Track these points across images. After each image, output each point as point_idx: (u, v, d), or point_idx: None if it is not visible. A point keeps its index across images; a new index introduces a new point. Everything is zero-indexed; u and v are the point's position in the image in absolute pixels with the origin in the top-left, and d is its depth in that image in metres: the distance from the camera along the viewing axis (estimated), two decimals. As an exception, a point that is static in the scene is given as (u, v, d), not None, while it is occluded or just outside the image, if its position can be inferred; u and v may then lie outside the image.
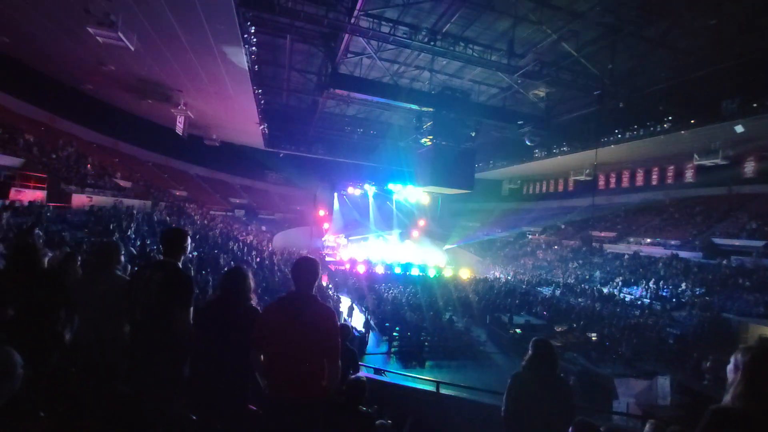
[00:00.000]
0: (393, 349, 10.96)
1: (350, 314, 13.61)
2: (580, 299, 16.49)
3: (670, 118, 15.51)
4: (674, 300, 14.55)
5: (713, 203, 19.49)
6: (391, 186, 25.92)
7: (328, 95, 16.18)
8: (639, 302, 15.41)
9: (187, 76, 13.63)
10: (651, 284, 16.07)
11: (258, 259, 15.76)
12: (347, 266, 20.90)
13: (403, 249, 26.22)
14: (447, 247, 28.36)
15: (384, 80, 15.58)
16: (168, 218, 14.55)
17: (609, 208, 24.49)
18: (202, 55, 11.61)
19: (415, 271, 20.81)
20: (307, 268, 2.02)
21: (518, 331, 12.03)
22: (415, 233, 29.09)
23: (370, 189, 26.53)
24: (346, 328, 3.90)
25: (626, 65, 13.25)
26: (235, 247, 15.26)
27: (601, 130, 17.56)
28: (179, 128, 15.97)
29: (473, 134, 15.17)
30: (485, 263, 27.03)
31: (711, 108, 13.91)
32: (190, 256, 10.73)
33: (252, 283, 2.24)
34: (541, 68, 13.30)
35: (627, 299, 15.90)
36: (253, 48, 11.79)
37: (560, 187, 28.44)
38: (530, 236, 28.31)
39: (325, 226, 25.81)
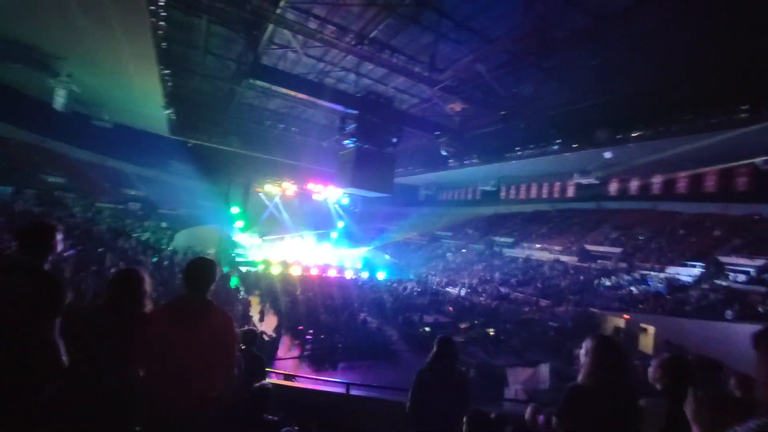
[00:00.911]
0: (305, 353, 10.71)
1: (261, 318, 12.95)
2: (481, 298, 18.15)
3: (559, 140, 18.02)
4: (555, 297, 16.91)
5: (586, 216, 23.18)
6: (311, 186, 25.38)
7: (248, 86, 15.25)
8: (529, 300, 17.55)
9: (73, 43, 11.59)
10: (539, 284, 18.44)
11: (155, 260, 14.06)
12: (261, 268, 19.84)
13: (321, 250, 25.83)
14: (364, 249, 28.76)
15: (309, 77, 15.23)
16: (35, 209, 12.14)
17: (508, 217, 27.48)
18: (95, 21, 9.98)
19: (331, 272, 20.70)
20: (201, 269, 1.84)
21: (427, 329, 12.74)
22: (334, 234, 28.92)
23: (289, 187, 25.60)
24: (252, 333, 3.70)
25: (528, 90, 15.03)
26: (126, 245, 13.39)
27: (505, 147, 19.67)
28: (58, 103, 13.47)
29: (395, 140, 15.73)
30: (400, 265, 28.08)
31: (588, 135, 16.53)
32: (65, 255, 9.11)
33: (148, 287, 1.95)
34: (458, 84, 14.39)
35: (520, 297, 17.99)
36: (162, 23, 10.54)
37: (470, 196, 30.94)
38: (442, 240, 30.28)
39: (238, 224, 24.15)
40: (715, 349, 9.58)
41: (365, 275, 22.05)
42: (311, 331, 11.24)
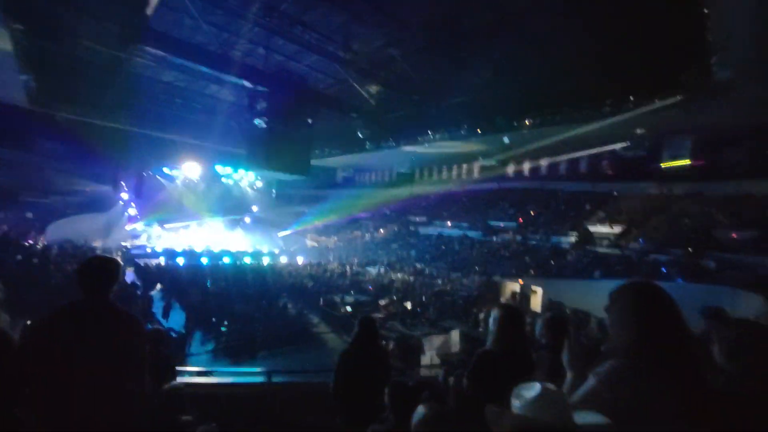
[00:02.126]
0: (220, 346, 10.11)
1: (166, 314, 11.76)
2: (399, 274, 19.08)
3: (465, 126, 19.40)
4: (464, 270, 18.60)
5: (489, 195, 25.67)
6: (219, 168, 23.34)
7: (136, 52, 13.14)
8: (441, 273, 19.00)
9: None
10: (450, 258, 20.05)
11: (19, 258, 11.69)
12: (162, 260, 17.87)
13: (232, 236, 24.19)
14: (282, 233, 27.78)
15: (210, 48, 13.71)
16: None
17: (423, 197, 29.01)
18: None
19: (247, 260, 19.60)
20: (100, 269, 1.61)
21: (348, 309, 13.01)
22: (247, 219, 27.27)
23: (193, 170, 23.18)
24: (159, 333, 3.38)
25: (439, 77, 15.74)
26: (-25, 242, 10.84)
27: (418, 130, 20.50)
28: None
29: (310, 121, 15.23)
30: (320, 248, 27.87)
31: (490, 122, 18.10)
32: None
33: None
34: (373, 67, 14.40)
35: (434, 272, 19.36)
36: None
37: (386, 178, 31.73)
38: (361, 221, 30.74)
39: (131, 211, 21.20)
40: (587, 303, 11.65)
41: (284, 260, 21.41)
42: (226, 323, 10.63)
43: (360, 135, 17.83)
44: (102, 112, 19.22)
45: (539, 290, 14.82)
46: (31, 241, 15.55)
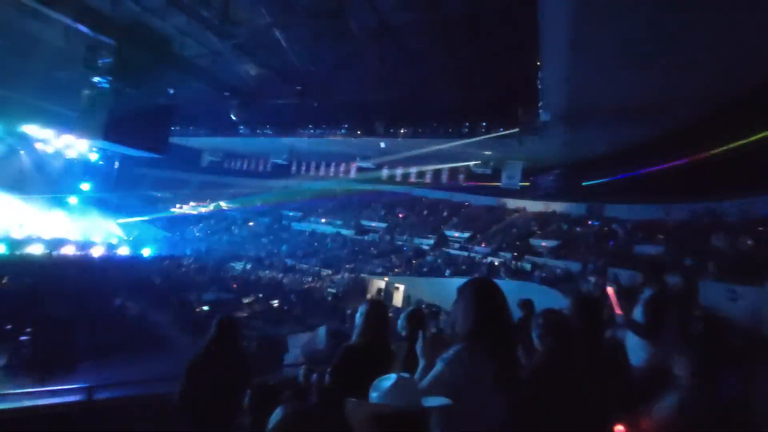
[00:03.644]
0: (15, 360, 7.82)
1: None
2: (267, 271, 18.16)
3: (346, 126, 19.77)
4: (335, 267, 18.92)
5: (364, 195, 26.76)
6: (33, 130, 18.00)
7: None
8: (312, 270, 18.89)
9: None
10: (322, 255, 20.09)
11: None
12: None
13: (50, 220, 18.96)
14: (123, 220, 23.21)
15: (29, -31, 10.47)
16: None
17: (298, 192, 28.29)
18: None
19: (70, 249, 15.62)
20: None
21: (205, 308, 11.73)
22: (73, 199, 21.76)
23: (-13, 126, 17.30)
24: None
25: (323, 72, 15.58)
26: None
27: (299, 122, 19.94)
28: None
29: (172, 91, 13.11)
30: (175, 239, 24.34)
31: (370, 125, 18.91)
32: None
33: None
34: (255, 47, 13.31)
35: (305, 268, 19.09)
36: None
37: (261, 167, 29.78)
38: (228, 212, 28.11)
39: None
40: (440, 298, 13.24)
41: (124, 251, 17.86)
42: (28, 330, 8.25)
43: (233, 117, 16.25)
44: None
45: (402, 287, 16.18)
46: None
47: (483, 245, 18.81)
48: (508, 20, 11.48)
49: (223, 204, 28.67)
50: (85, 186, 22.10)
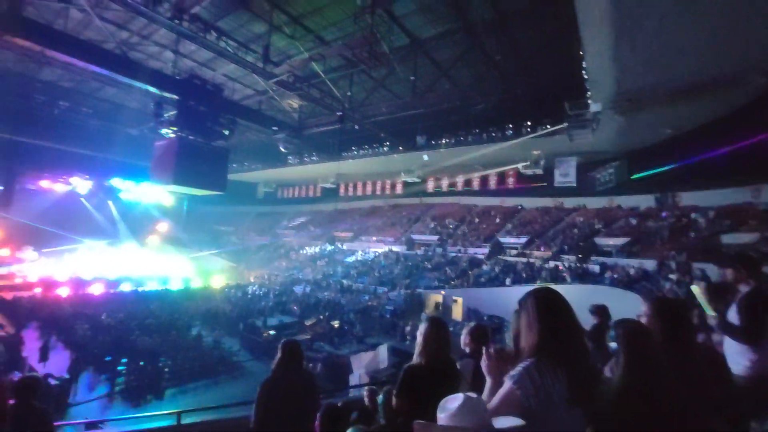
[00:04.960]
0: (117, 389, 8.72)
1: (44, 357, 9.79)
2: (326, 293, 18.66)
3: (388, 143, 20.11)
4: (390, 284, 18.94)
5: (411, 209, 26.77)
6: (116, 182, 20.53)
7: (2, 43, 11.06)
8: (368, 288, 19.07)
9: None
10: (376, 273, 20.25)
11: None
12: (38, 290, 14.94)
13: (134, 260, 21.27)
14: (195, 255, 25.32)
15: (107, 46, 12.18)
16: None
17: (348, 212, 29.06)
18: None
19: (152, 285, 17.36)
20: None
21: (272, 332, 12.27)
22: (154, 240, 24.30)
23: (82, 184, 20.03)
24: (28, 382, 2.78)
25: (361, 95, 16.12)
26: None
27: (343, 146, 20.67)
28: None
29: (227, 133, 14.30)
30: (239, 269, 26.01)
31: (410, 140, 19.06)
32: None
33: None
34: (295, 81, 14.18)
35: (360, 287, 19.34)
36: None
37: (311, 193, 31.17)
38: (285, 239, 29.57)
39: (-6, 234, 17.45)
40: (501, 308, 12.67)
41: (197, 283, 19.44)
42: (125, 361, 9.21)
43: (282, 149, 17.29)
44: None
45: (460, 300, 15.73)
46: None
47: (542, 249, 17.80)
48: (541, 15, 11.12)
49: (278, 231, 30.26)
50: (162, 227, 24.65)
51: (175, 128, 12.71)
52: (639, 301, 1.99)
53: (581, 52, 10.46)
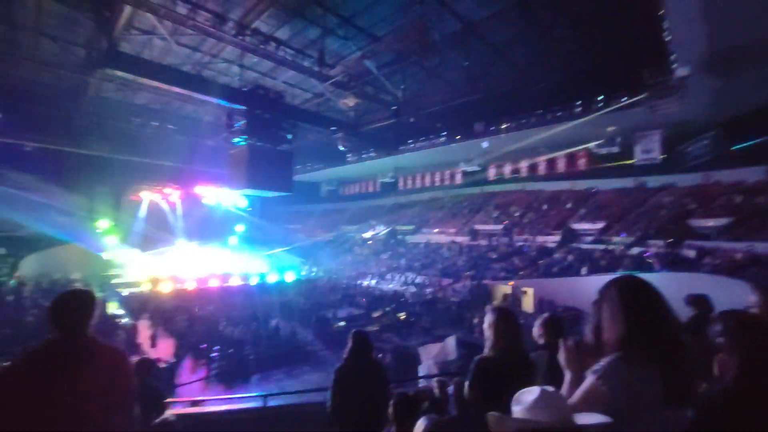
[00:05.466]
0: (212, 373, 9.80)
1: (154, 344, 11.37)
2: (390, 285, 18.98)
3: (444, 133, 19.73)
4: (454, 275, 18.64)
5: (473, 199, 25.98)
6: (199, 189, 22.89)
7: (104, 76, 12.95)
8: (432, 281, 18.98)
9: None
10: (439, 265, 20.08)
11: (-8, 296, 11.15)
12: (146, 287, 17.26)
13: (218, 258, 23.62)
14: (269, 252, 27.32)
15: (184, 68, 13.62)
16: None
17: (408, 205, 29.12)
18: None
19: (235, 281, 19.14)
20: (72, 304, 1.51)
21: (342, 324, 12.84)
22: (233, 239, 26.72)
23: (173, 193, 22.68)
24: (145, 364, 3.26)
25: (414, 87, 16.01)
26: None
27: (399, 140, 20.73)
28: None
29: (290, 136, 15.17)
30: (308, 264, 27.51)
31: (468, 127, 18.48)
32: None
33: None
34: (349, 80, 14.55)
35: (425, 280, 19.32)
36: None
37: (370, 188, 31.78)
38: (348, 234, 30.60)
39: (110, 239, 20.52)
40: (576, 299, 11.83)
41: (272, 278, 21.00)
42: (216, 348, 10.31)
43: (341, 148, 17.86)
44: (71, 138, 18.74)
45: (530, 291, 14.97)
46: (4, 279, 14.81)
47: (623, 235, 16.17)
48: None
49: (342, 227, 31.38)
50: (239, 227, 27.01)
51: (245, 137, 13.82)
52: (747, 291, 1.72)
53: (660, 11, 9.22)
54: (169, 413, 3.23)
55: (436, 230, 24.94)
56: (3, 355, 8.09)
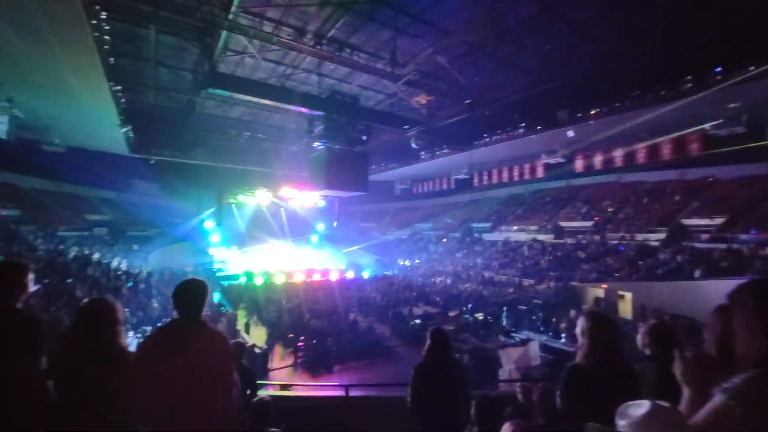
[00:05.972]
0: (299, 360, 10.60)
1: (248, 331, 12.70)
2: (467, 284, 18.48)
3: (523, 124, 18.52)
4: (537, 276, 17.44)
5: (557, 194, 23.97)
6: (285, 191, 24.92)
7: (207, 95, 14.81)
8: (512, 281, 18.02)
9: (8, 65, 10.84)
10: (519, 265, 18.96)
11: (131, 284, 13.49)
12: (243, 280, 19.33)
13: (302, 255, 25.46)
14: (347, 249, 28.61)
15: (270, 82, 14.93)
16: (-9, 246, 11.38)
17: (484, 202, 28.03)
18: (30, 39, 9.34)
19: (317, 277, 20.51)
20: (191, 291, 1.77)
21: (418, 321, 12.87)
22: (314, 237, 28.58)
23: (264, 195, 25.04)
24: (241, 346, 3.65)
25: (488, 79, 15.31)
26: (96, 273, 12.77)
27: (473, 135, 20.03)
28: (1, 131, 12.60)
29: (365, 138, 15.67)
30: (384, 262, 28.14)
31: (549, 117, 17.08)
32: (31, 291, 8.60)
33: (120, 315, 1.84)
34: (421, 77, 14.49)
35: (503, 279, 18.43)
36: (106, 37, 10.02)
37: (444, 185, 31.27)
38: (423, 232, 30.57)
39: (214, 237, 23.44)
40: (687, 307, 10.22)
41: (350, 275, 21.96)
42: (302, 338, 11.12)
43: (414, 146, 17.90)
44: (182, 151, 21.84)
45: (628, 295, 13.34)
46: (138, 270, 17.88)
47: (753, 232, 13.49)
48: None
49: (416, 225, 31.45)
50: (320, 226, 28.78)
51: (323, 140, 14.65)
52: None
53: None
54: (264, 393, 3.58)
55: (515, 227, 23.59)
56: (136, 331, 9.77)
